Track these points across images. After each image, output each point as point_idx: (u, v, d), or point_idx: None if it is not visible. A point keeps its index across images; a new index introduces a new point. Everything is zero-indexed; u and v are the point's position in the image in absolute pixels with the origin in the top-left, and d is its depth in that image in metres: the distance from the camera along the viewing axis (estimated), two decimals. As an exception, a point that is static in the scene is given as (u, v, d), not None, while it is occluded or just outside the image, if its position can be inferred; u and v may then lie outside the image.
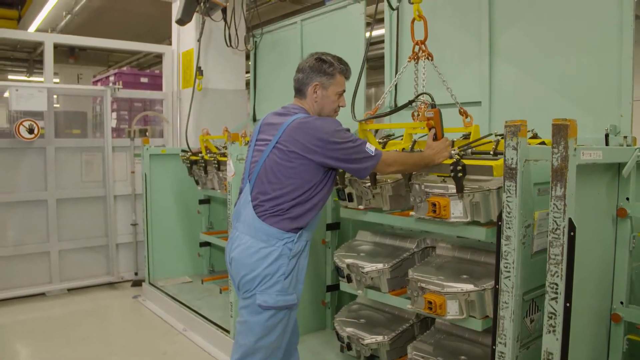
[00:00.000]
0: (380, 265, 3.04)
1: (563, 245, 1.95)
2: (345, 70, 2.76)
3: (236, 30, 5.69)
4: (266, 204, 2.53)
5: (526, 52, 3.36)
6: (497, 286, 2.20)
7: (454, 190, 2.60)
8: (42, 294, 5.60)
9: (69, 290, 5.70)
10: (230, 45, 5.67)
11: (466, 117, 3.01)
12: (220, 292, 4.97)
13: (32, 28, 9.61)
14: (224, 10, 5.41)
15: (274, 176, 2.53)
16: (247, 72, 6.23)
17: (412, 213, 2.87)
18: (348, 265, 3.15)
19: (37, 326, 4.74)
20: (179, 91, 6.18)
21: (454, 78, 3.70)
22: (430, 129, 2.81)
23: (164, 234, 5.59)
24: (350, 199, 3.27)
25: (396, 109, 3.34)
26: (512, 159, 2.10)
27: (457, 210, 2.63)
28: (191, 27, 5.69)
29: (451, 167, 2.59)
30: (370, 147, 2.58)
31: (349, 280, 3.18)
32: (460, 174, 2.57)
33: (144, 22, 9.28)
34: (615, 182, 2.49)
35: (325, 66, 2.69)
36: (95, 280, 5.91)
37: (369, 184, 3.08)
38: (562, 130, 1.95)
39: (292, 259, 2.54)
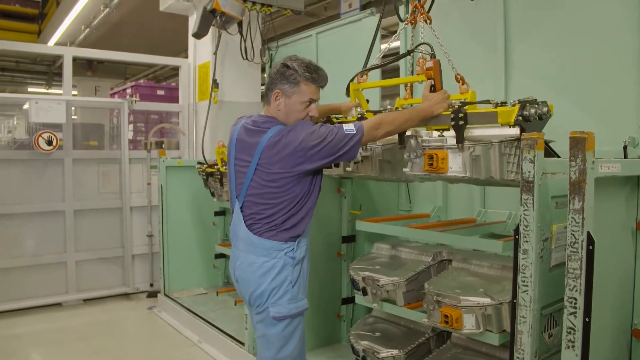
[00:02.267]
0: (396, 278, 3.03)
1: (581, 259, 1.93)
2: (313, 79, 2.56)
3: (252, 43, 5.74)
4: (261, 222, 2.54)
5: (542, 65, 3.35)
6: (514, 300, 2.18)
7: (454, 142, 2.51)
8: (59, 304, 5.64)
9: (85, 300, 5.74)
10: (246, 58, 5.71)
11: (462, 84, 2.90)
12: (235, 304, 4.97)
13: (52, 42, 9.79)
14: (240, 24, 5.46)
15: (263, 198, 2.52)
16: (263, 84, 6.27)
17: (405, 169, 2.71)
18: (363, 278, 3.14)
19: (53, 336, 4.77)
20: (195, 103, 6.23)
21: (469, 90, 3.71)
22: (429, 80, 2.70)
23: (180, 245, 5.61)
24: (336, 164, 3.07)
25: (392, 60, 3.19)
26: (529, 172, 2.08)
27: (455, 164, 2.53)
28: (207, 41, 5.74)
29: (452, 116, 2.51)
30: (349, 127, 2.50)
31: (365, 293, 3.16)
32: (461, 122, 2.48)
33: (161, 35, 9.39)
34: (635, 195, 2.46)
35: (288, 73, 2.54)
36: (111, 291, 5.94)
37: None
38: (579, 143, 1.93)
39: (296, 266, 2.56)
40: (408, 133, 2.72)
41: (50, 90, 12.80)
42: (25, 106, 5.56)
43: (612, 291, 2.31)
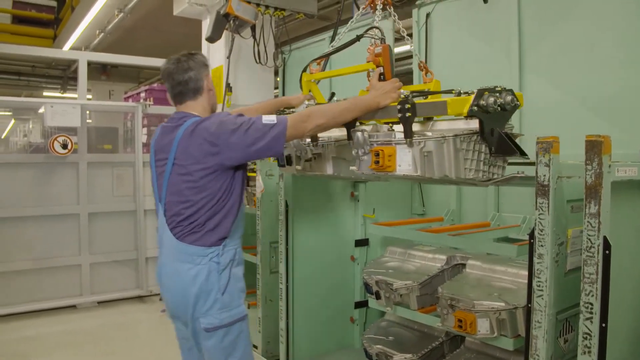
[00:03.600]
0: (409, 282, 3.02)
1: (598, 264, 1.91)
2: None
3: (265, 47, 5.75)
4: (183, 224, 2.37)
5: (557, 68, 3.33)
6: (529, 305, 2.16)
7: (402, 137, 2.30)
8: (73, 307, 5.69)
9: (99, 303, 5.78)
10: (259, 62, 5.73)
11: (426, 73, 2.75)
12: (248, 307, 4.93)
13: (67, 46, 9.87)
14: (253, 28, 5.47)
15: (183, 196, 2.36)
16: (276, 88, 6.28)
17: (352, 167, 2.55)
18: (377, 282, 3.13)
19: (67, 338, 4.81)
20: (209, 107, 6.24)
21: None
22: (378, 68, 2.50)
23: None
24: (289, 162, 2.93)
25: (342, 46, 2.92)
26: (545, 175, 2.07)
27: (404, 161, 2.31)
28: (221, 45, 5.76)
29: (398, 107, 2.30)
30: (269, 117, 2.33)
31: (378, 297, 3.15)
32: (409, 114, 2.26)
33: (174, 39, 9.43)
34: (652, 199, 2.44)
35: (202, 58, 2.54)
36: (125, 293, 5.99)
37: (309, 140, 2.74)
38: (595, 147, 1.92)
39: (223, 272, 2.37)
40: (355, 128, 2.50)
41: (65, 95, 12.91)
42: (41, 110, 5.63)
43: (629, 296, 2.29)
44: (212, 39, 5.22)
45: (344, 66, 2.86)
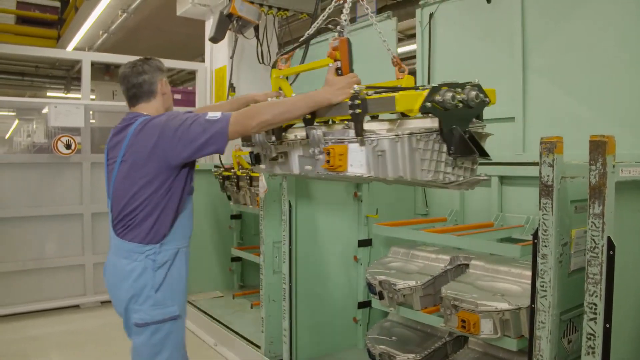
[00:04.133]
0: (412, 283, 3.01)
1: (602, 264, 1.90)
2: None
3: (268, 47, 5.75)
4: (124, 221, 2.42)
5: (561, 68, 3.32)
6: (533, 305, 2.16)
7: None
8: (76, 306, 5.70)
9: (102, 302, 5.78)
10: (262, 62, 5.73)
11: (400, 68, 2.65)
12: (251, 307, 4.98)
13: (70, 47, 9.91)
14: (256, 28, 5.48)
15: (126, 193, 2.40)
16: (279, 88, 6.28)
17: (307, 167, 2.50)
18: (380, 282, 3.13)
19: (70, 338, 4.82)
20: (212, 107, 6.25)
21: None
22: (335, 62, 2.39)
23: (196, 248, 5.60)
24: (258, 161, 2.86)
25: (307, 39, 2.87)
26: (549, 175, 2.06)
27: (357, 161, 2.21)
28: (224, 45, 5.77)
29: (349, 103, 2.20)
30: (214, 113, 2.33)
31: (381, 297, 3.15)
32: (358, 110, 2.16)
33: (178, 40, 9.47)
34: (656, 200, 2.43)
35: (159, 63, 2.63)
36: (128, 293, 5.98)
37: (274, 138, 2.63)
38: (600, 147, 1.91)
39: (158, 270, 2.40)
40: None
41: (68, 95, 12.95)
42: (45, 110, 5.63)
43: (633, 297, 2.28)
44: (215, 39, 5.23)
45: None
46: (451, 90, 2.04)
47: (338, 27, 2.49)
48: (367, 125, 2.27)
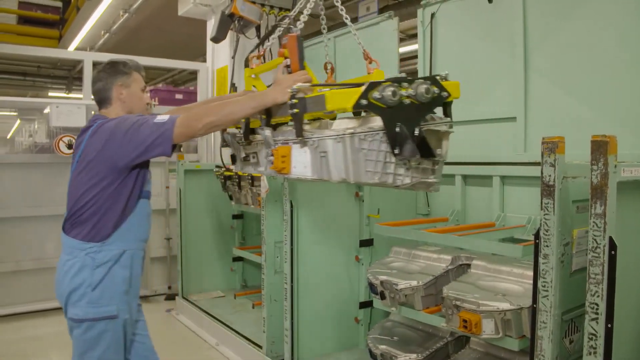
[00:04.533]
0: (414, 283, 3.01)
1: (603, 264, 1.90)
2: (138, 67, 2.69)
3: (270, 47, 5.75)
4: (71, 218, 2.46)
5: (562, 68, 3.31)
6: (534, 305, 2.16)
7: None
8: (78, 307, 5.69)
9: (104, 303, 5.78)
10: (264, 62, 5.72)
11: (370, 62, 2.62)
12: (253, 307, 4.99)
13: (72, 47, 9.92)
14: (258, 28, 5.48)
15: (77, 190, 2.45)
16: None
17: (259, 169, 2.48)
18: (382, 282, 3.13)
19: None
20: (213, 107, 6.25)
21: (488, 93, 3.69)
22: (285, 60, 2.36)
23: (198, 248, 5.64)
24: (234, 161, 2.84)
25: (264, 36, 2.81)
26: (550, 175, 2.06)
27: (299, 162, 2.15)
28: (225, 45, 5.77)
29: (289, 103, 2.12)
30: (162, 117, 2.35)
31: (383, 297, 3.15)
32: (296, 110, 2.08)
33: (179, 40, 9.47)
34: (658, 200, 2.43)
35: (120, 66, 2.62)
36: (130, 293, 5.99)
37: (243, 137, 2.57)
38: (601, 147, 1.91)
39: (97, 269, 2.40)
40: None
41: (70, 95, 12.96)
42: (46, 110, 5.64)
43: (635, 296, 2.28)
44: (217, 39, 5.23)
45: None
46: (393, 85, 1.93)
47: (286, 21, 2.49)
48: (337, 124, 2.21)
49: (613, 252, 1.90)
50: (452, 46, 4.00)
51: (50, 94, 13.38)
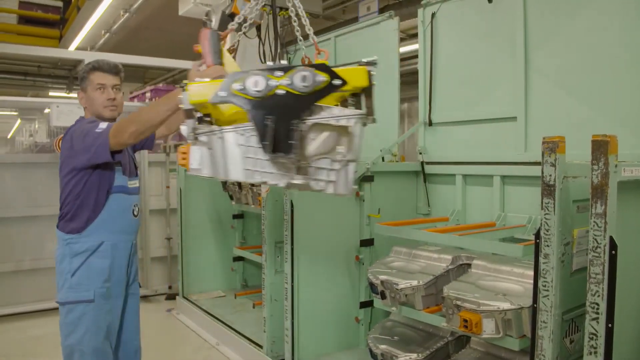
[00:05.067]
0: (414, 282, 3.01)
1: (604, 264, 1.91)
2: (94, 67, 2.72)
3: (270, 47, 5.75)
4: (60, 212, 2.72)
5: (563, 68, 3.31)
6: (535, 305, 2.16)
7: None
8: (79, 306, 5.69)
9: (105, 302, 5.79)
10: (265, 62, 5.72)
11: (319, 53, 2.56)
12: (253, 307, 4.99)
13: (73, 47, 9.91)
14: (258, 28, 5.48)
15: (60, 186, 2.70)
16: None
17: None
18: (382, 282, 3.13)
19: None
20: (214, 107, 6.25)
21: (488, 93, 3.69)
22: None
23: (198, 248, 5.64)
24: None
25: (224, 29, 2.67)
26: (551, 175, 2.06)
27: (195, 159, 2.07)
28: (226, 44, 5.76)
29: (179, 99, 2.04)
30: (102, 125, 2.47)
31: (383, 297, 3.15)
32: (182, 106, 2.00)
33: (180, 39, 9.44)
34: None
35: (81, 71, 2.78)
36: (130, 293, 5.99)
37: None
38: (602, 147, 1.91)
39: (74, 257, 2.64)
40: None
41: (71, 94, 12.94)
42: (47, 110, 5.64)
43: (635, 296, 2.28)
44: (217, 39, 5.22)
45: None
46: (258, 74, 1.80)
47: (204, 18, 2.36)
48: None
49: (613, 252, 1.90)
50: (453, 46, 4.00)
51: (50, 93, 13.37)
